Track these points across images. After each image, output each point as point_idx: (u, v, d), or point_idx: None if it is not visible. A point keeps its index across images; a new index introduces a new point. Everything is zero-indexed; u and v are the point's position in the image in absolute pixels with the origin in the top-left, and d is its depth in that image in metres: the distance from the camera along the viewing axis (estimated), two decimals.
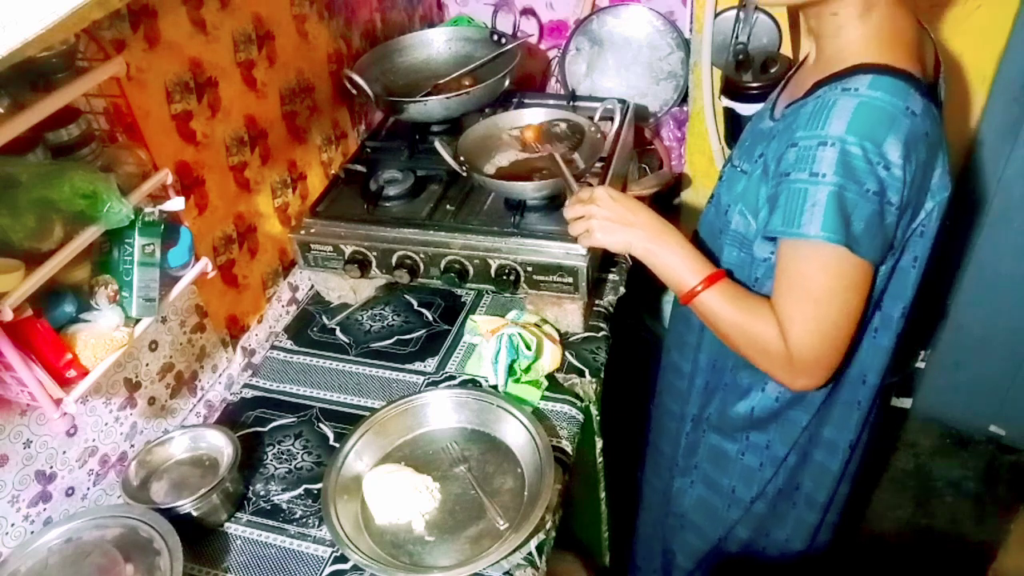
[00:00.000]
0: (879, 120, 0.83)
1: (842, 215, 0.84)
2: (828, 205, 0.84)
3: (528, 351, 1.24)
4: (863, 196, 0.84)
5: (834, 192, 0.84)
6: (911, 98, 0.85)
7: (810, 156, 0.85)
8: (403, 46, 1.69)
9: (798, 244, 0.89)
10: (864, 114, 0.83)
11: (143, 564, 0.95)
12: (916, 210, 0.92)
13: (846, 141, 0.83)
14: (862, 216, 0.85)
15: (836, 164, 0.83)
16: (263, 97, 1.34)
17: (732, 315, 0.97)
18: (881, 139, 0.83)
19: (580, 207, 1.07)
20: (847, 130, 0.83)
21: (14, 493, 0.99)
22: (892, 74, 0.85)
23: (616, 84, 1.78)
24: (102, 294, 0.94)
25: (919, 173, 0.87)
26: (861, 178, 0.84)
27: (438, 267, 1.30)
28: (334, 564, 1.04)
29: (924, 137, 0.86)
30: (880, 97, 0.83)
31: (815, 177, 0.85)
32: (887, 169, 0.84)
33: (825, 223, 0.85)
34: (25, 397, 0.87)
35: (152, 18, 1.07)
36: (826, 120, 0.85)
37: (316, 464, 1.19)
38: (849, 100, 0.84)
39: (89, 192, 0.84)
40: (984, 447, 2.11)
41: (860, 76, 0.86)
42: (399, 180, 1.42)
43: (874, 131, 0.83)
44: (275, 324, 1.44)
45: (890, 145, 0.83)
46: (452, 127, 1.54)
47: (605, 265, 1.45)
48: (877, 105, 0.83)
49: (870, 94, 0.84)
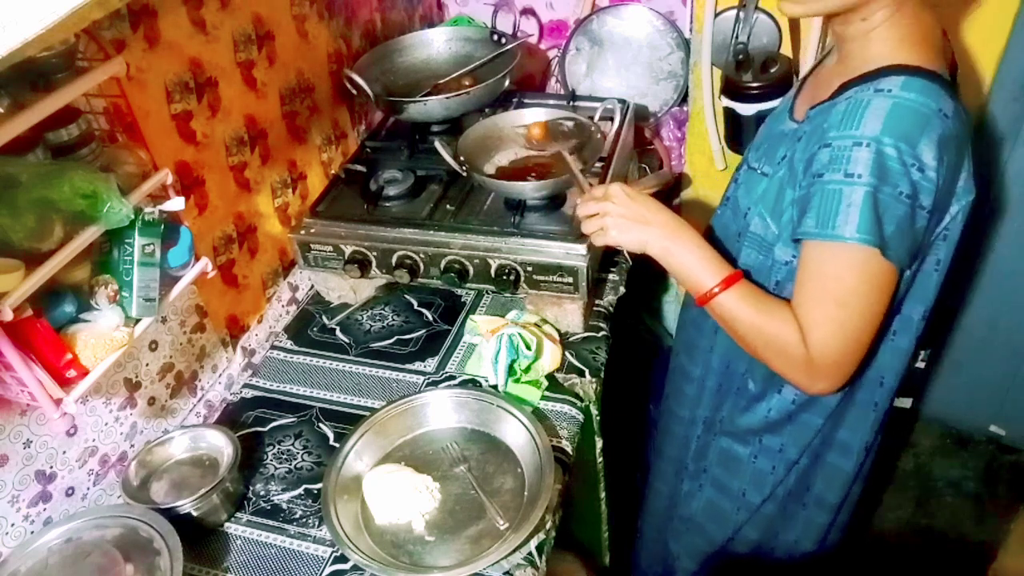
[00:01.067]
0: (914, 122, 0.82)
1: (875, 217, 0.84)
2: (863, 206, 0.83)
3: (528, 351, 1.24)
4: (896, 198, 0.84)
5: (869, 192, 0.83)
6: (943, 100, 0.84)
7: (845, 156, 0.84)
8: (403, 46, 1.69)
9: (829, 246, 0.87)
10: (899, 115, 0.82)
11: (143, 564, 0.95)
12: (943, 213, 0.91)
13: (882, 142, 0.82)
14: (894, 218, 0.84)
15: (871, 164, 0.83)
16: (263, 97, 1.34)
17: (751, 317, 0.96)
18: (916, 141, 0.82)
19: (594, 204, 1.05)
20: (882, 131, 0.82)
21: (14, 493, 0.99)
22: (923, 76, 0.84)
23: (616, 84, 1.78)
24: (102, 294, 0.94)
25: (949, 176, 0.87)
26: (895, 180, 0.83)
27: (438, 267, 1.30)
28: (334, 564, 1.04)
29: (954, 139, 0.85)
30: (914, 99, 0.83)
31: (850, 178, 0.84)
32: (921, 171, 0.83)
33: (861, 224, 0.84)
34: (25, 397, 0.87)
35: (152, 18, 1.08)
36: (860, 120, 0.84)
37: (316, 464, 1.19)
38: (883, 101, 0.83)
39: (89, 192, 0.84)
40: (984, 447, 2.11)
41: (892, 77, 0.85)
42: (399, 180, 1.42)
43: (909, 132, 0.82)
44: (275, 324, 1.44)
45: (924, 147, 0.82)
46: (452, 127, 1.54)
47: (605, 265, 1.45)
48: (911, 107, 0.83)
49: (904, 95, 0.83)
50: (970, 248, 1.82)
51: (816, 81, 1.03)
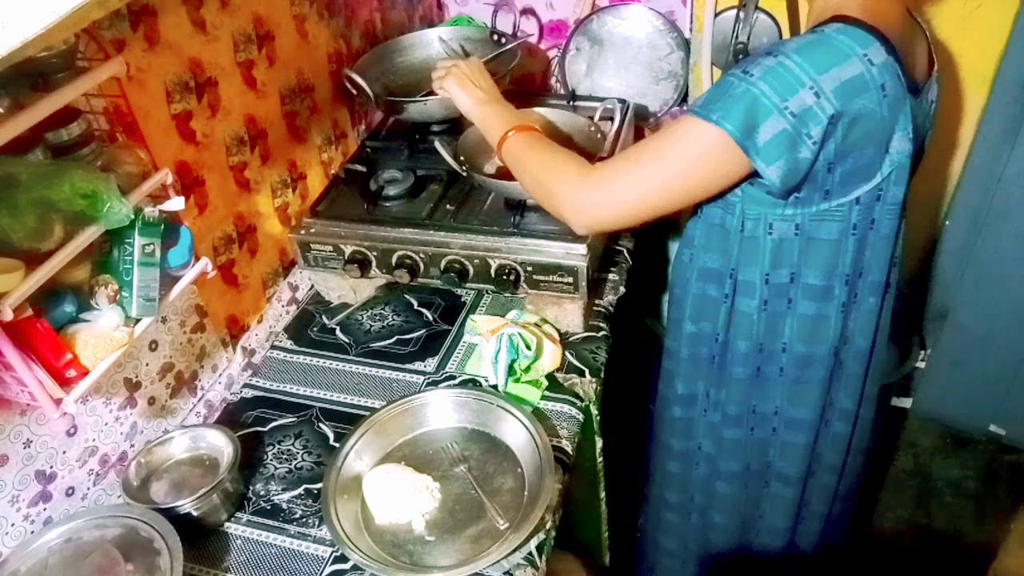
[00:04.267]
0: (830, 53, 0.85)
1: (748, 118, 0.86)
2: (740, 99, 0.86)
3: (528, 351, 1.24)
4: (779, 110, 0.85)
5: (752, 92, 0.85)
6: (872, 48, 0.86)
7: (751, 60, 0.88)
8: (403, 46, 1.69)
9: (690, 119, 0.90)
10: (818, 44, 0.86)
11: (143, 564, 0.95)
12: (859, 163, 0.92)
13: (788, 55, 0.85)
14: (770, 130, 0.86)
15: (767, 69, 0.85)
16: (263, 97, 1.34)
17: (538, 154, 1.05)
18: (823, 68, 0.84)
19: (450, 62, 1.24)
20: (795, 49, 0.86)
21: (14, 493, 0.99)
22: (861, 26, 0.87)
23: (616, 84, 1.78)
24: (102, 294, 0.94)
25: (862, 123, 0.88)
26: (785, 93, 0.85)
27: (438, 267, 1.30)
28: (334, 564, 1.04)
29: (878, 89, 0.87)
30: (839, 39, 0.86)
31: (745, 75, 0.87)
32: (816, 96, 0.85)
33: (726, 112, 0.86)
34: (25, 397, 0.87)
35: (152, 18, 1.07)
36: (784, 44, 0.88)
37: (316, 464, 1.19)
38: (811, 34, 0.88)
39: (89, 192, 0.84)
40: (984, 447, 2.11)
41: (831, 23, 0.89)
42: (399, 180, 1.42)
43: (820, 60, 0.85)
44: (275, 324, 1.44)
45: (829, 77, 0.84)
46: (452, 127, 1.54)
47: (605, 265, 1.45)
48: (833, 42, 0.86)
49: (831, 34, 0.87)
50: (970, 248, 1.82)
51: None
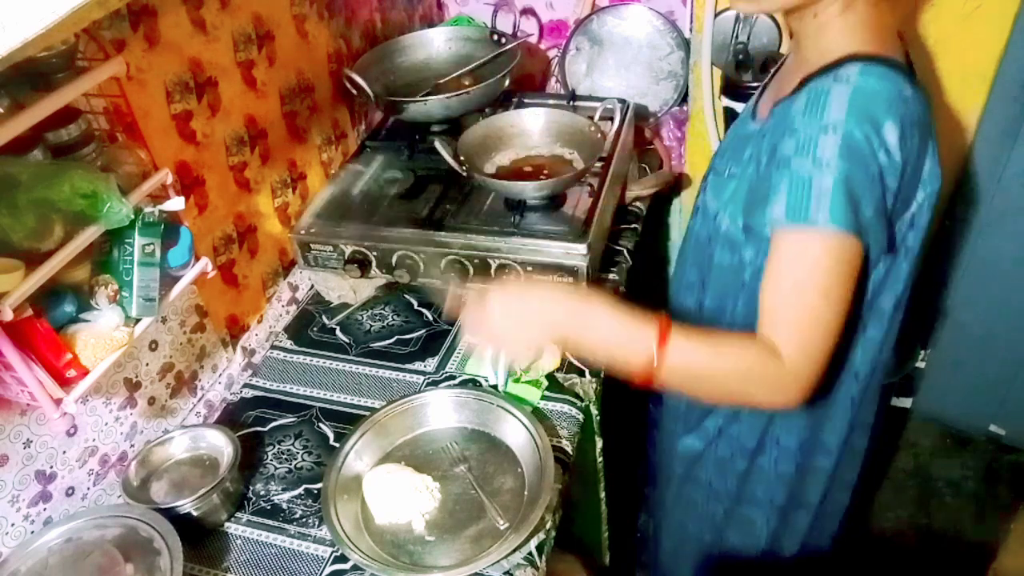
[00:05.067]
0: (876, 104, 0.83)
1: (851, 202, 0.82)
2: (836, 191, 0.82)
3: None
4: (869, 182, 0.83)
5: (841, 179, 0.82)
6: (902, 84, 0.85)
7: (811, 143, 0.83)
8: (403, 46, 1.69)
9: (802, 236, 0.84)
10: (861, 99, 0.82)
11: (143, 564, 0.95)
12: (909, 199, 0.91)
13: (848, 125, 0.82)
14: (870, 202, 0.84)
15: (840, 149, 0.82)
16: (263, 97, 1.34)
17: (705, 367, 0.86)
18: (880, 123, 0.82)
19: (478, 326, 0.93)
20: (847, 115, 0.82)
21: (14, 493, 0.99)
22: (880, 62, 0.85)
23: (616, 84, 1.78)
24: (102, 294, 0.94)
25: (913, 159, 0.87)
26: (866, 162, 0.82)
27: (438, 267, 1.30)
28: (334, 564, 1.04)
29: (917, 123, 0.86)
30: (873, 83, 0.83)
31: (820, 164, 0.82)
32: (888, 153, 0.83)
33: (835, 210, 0.82)
34: (25, 397, 0.87)
35: (152, 18, 1.07)
36: (824, 108, 0.83)
37: (316, 464, 1.19)
38: (844, 87, 0.83)
39: (89, 192, 0.84)
40: (984, 447, 2.10)
41: (849, 65, 0.85)
42: (399, 180, 1.42)
43: (873, 115, 0.82)
44: (275, 324, 1.44)
45: (888, 129, 0.83)
46: (452, 127, 1.54)
47: (605, 265, 1.45)
48: (872, 91, 0.83)
49: (863, 81, 0.83)
50: (969, 248, 1.82)
51: (778, 81, 1.03)
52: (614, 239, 1.51)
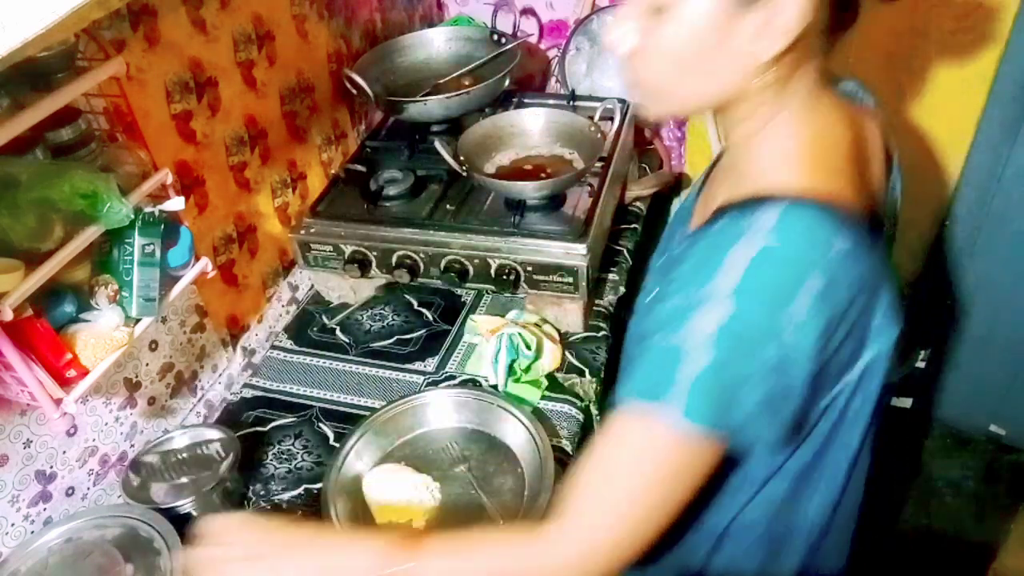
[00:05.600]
0: (785, 275, 0.64)
1: (722, 396, 0.65)
2: (702, 382, 0.64)
3: (528, 351, 1.24)
4: (761, 372, 0.64)
5: (714, 367, 0.64)
6: (835, 241, 0.65)
7: (691, 311, 0.65)
8: (403, 46, 1.69)
9: (648, 417, 0.67)
10: (766, 266, 0.64)
11: (143, 564, 0.95)
12: (844, 368, 0.72)
13: (740, 301, 0.63)
14: (754, 395, 0.65)
15: (723, 329, 0.63)
16: (263, 97, 1.34)
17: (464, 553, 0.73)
18: (785, 300, 0.63)
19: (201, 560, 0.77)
20: (740, 286, 0.63)
21: (14, 493, 0.99)
22: (811, 206, 0.66)
23: (616, 84, 1.77)
24: (102, 294, 0.94)
25: (842, 330, 0.67)
26: (757, 349, 0.64)
27: (438, 267, 1.30)
28: None
29: (853, 284, 0.66)
30: (789, 243, 0.64)
31: (694, 341, 0.65)
32: (787, 339, 0.64)
33: (693, 404, 0.64)
34: (25, 397, 0.87)
35: (152, 18, 1.07)
36: (717, 268, 0.65)
37: (316, 464, 1.19)
38: (749, 245, 0.64)
39: (89, 192, 0.84)
40: (984, 447, 2.11)
41: (768, 209, 0.66)
42: (399, 180, 1.42)
43: (777, 289, 0.64)
44: (275, 324, 1.44)
45: (798, 306, 0.63)
46: (452, 127, 1.54)
47: (605, 265, 1.45)
48: (782, 255, 0.64)
49: (777, 238, 0.64)
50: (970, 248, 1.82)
51: (711, 184, 0.85)
52: (614, 239, 1.51)
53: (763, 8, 0.64)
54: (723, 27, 0.65)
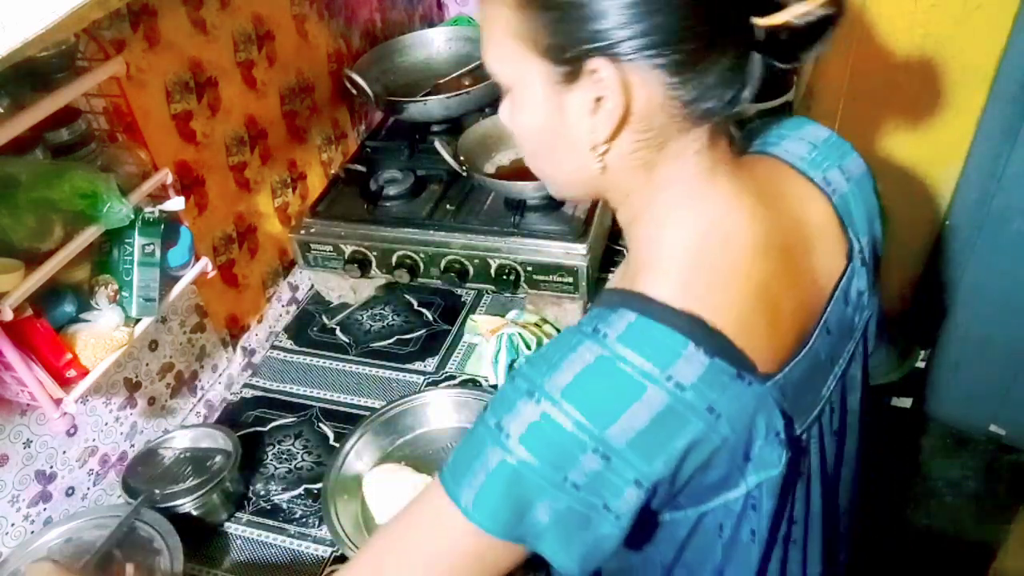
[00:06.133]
0: (613, 393, 0.58)
1: (512, 504, 0.60)
2: (495, 483, 0.60)
3: (528, 351, 1.24)
4: (558, 486, 0.58)
5: (511, 471, 0.59)
6: (683, 364, 0.59)
7: (510, 401, 0.60)
8: (403, 46, 1.69)
9: (444, 499, 0.63)
10: (595, 379, 0.59)
11: (143, 564, 0.95)
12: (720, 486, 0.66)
13: (557, 407, 0.58)
14: (550, 510, 0.60)
15: (530, 429, 0.58)
16: (263, 97, 1.34)
17: None
18: (607, 420, 0.57)
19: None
20: (564, 393, 0.58)
21: (14, 493, 0.99)
22: (667, 321, 0.60)
23: None
24: (102, 294, 0.94)
25: (689, 460, 0.60)
26: (561, 461, 0.58)
27: (438, 267, 1.30)
28: (334, 564, 1.04)
29: (702, 415, 0.59)
30: (628, 359, 0.58)
31: (499, 431, 0.60)
32: (606, 459, 0.58)
33: (480, 505, 0.60)
34: (25, 397, 0.87)
35: (152, 18, 1.07)
36: (555, 367, 0.60)
37: (316, 464, 1.19)
38: (590, 351, 0.59)
39: (89, 192, 0.84)
40: (984, 447, 2.11)
41: (623, 314, 0.61)
42: (399, 180, 1.42)
43: (604, 405, 0.58)
44: (275, 324, 1.44)
45: (619, 431, 0.57)
46: (452, 127, 1.54)
47: (605, 265, 1.45)
48: (618, 371, 0.58)
49: (618, 350, 0.59)
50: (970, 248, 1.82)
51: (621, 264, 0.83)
52: (614, 239, 1.51)
53: (584, 87, 0.60)
54: (557, 107, 0.63)
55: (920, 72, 1.62)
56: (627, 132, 0.62)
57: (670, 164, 0.64)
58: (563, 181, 0.72)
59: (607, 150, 0.63)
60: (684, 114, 0.61)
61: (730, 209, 0.65)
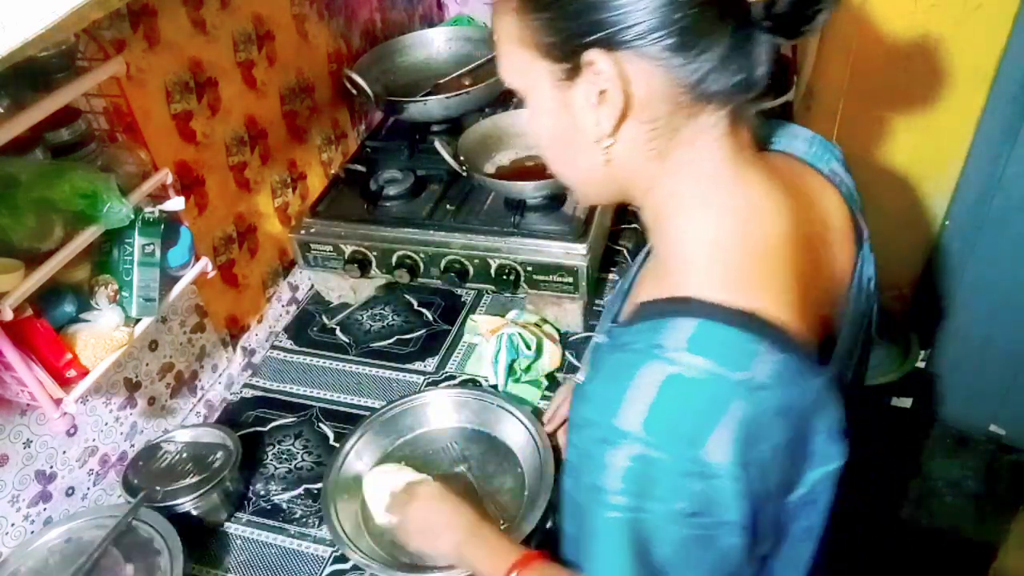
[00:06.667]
0: (697, 409, 0.56)
1: (635, 548, 0.59)
2: (610, 537, 0.59)
3: (528, 351, 1.24)
4: (670, 519, 0.58)
5: (619, 521, 0.58)
6: (756, 363, 0.57)
7: (594, 456, 0.59)
8: (403, 46, 1.69)
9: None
10: (674, 400, 0.56)
11: (143, 564, 0.95)
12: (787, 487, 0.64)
13: (644, 444, 0.56)
14: (669, 543, 0.59)
15: (626, 477, 0.57)
16: (263, 97, 1.34)
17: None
18: (698, 439, 0.56)
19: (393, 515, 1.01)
20: (645, 426, 0.56)
21: (14, 493, 0.99)
22: (729, 322, 0.58)
23: None
24: (102, 294, 0.94)
25: (774, 462, 0.60)
26: (666, 495, 0.57)
27: (438, 267, 1.30)
28: (334, 564, 1.04)
29: (781, 415, 0.58)
30: (704, 368, 0.56)
31: (596, 492, 0.59)
32: (707, 479, 0.56)
33: (606, 564, 0.61)
34: (25, 397, 0.87)
35: (152, 18, 1.08)
36: (619, 401, 0.57)
37: (316, 464, 1.19)
38: (655, 371, 0.57)
39: (89, 192, 0.84)
40: (984, 447, 2.10)
41: (679, 323, 0.58)
42: (399, 180, 1.42)
43: (688, 427, 0.56)
44: (275, 324, 1.44)
45: (714, 444, 0.56)
46: (452, 127, 1.54)
47: (605, 265, 1.45)
48: (696, 384, 0.56)
49: (688, 362, 0.56)
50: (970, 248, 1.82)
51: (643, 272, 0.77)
52: (614, 239, 1.51)
53: (585, 79, 0.60)
54: (564, 105, 0.63)
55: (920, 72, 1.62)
56: (633, 122, 0.61)
57: (684, 150, 0.63)
58: (582, 182, 0.71)
59: (613, 143, 0.63)
60: (689, 99, 0.59)
61: (763, 199, 0.64)
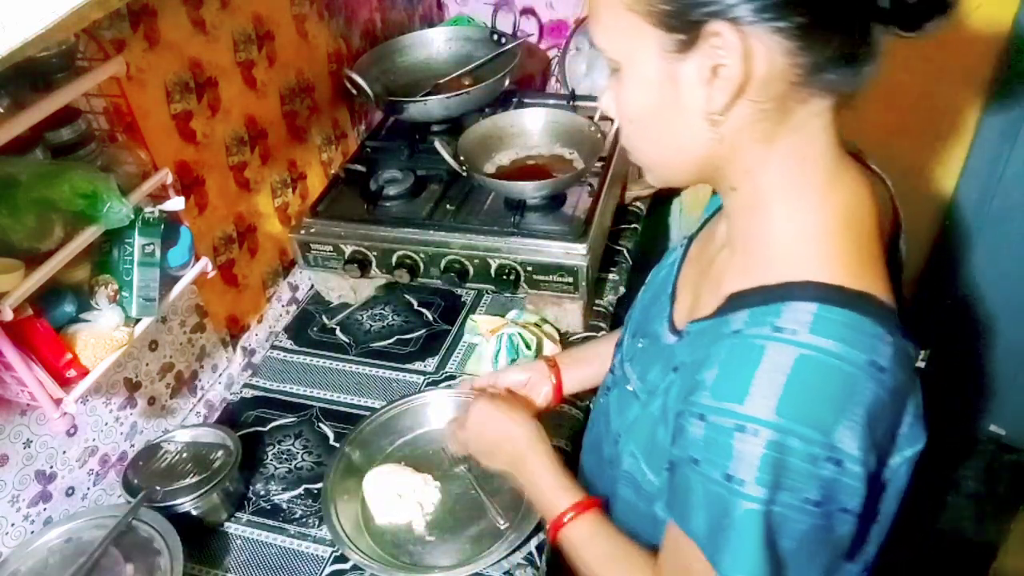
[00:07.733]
0: (829, 392, 0.56)
1: (767, 538, 0.58)
2: (747, 529, 0.58)
3: (528, 351, 1.24)
4: (799, 509, 0.57)
5: (757, 512, 0.57)
6: (878, 344, 0.57)
7: (724, 445, 0.58)
8: (403, 46, 1.69)
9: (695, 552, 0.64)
10: (805, 383, 0.56)
11: (143, 564, 0.95)
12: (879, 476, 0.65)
13: (777, 430, 0.56)
14: (795, 534, 0.59)
15: (761, 466, 0.56)
16: (263, 97, 1.34)
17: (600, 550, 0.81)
18: (831, 424, 0.56)
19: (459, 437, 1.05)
20: (779, 410, 0.56)
21: (14, 493, 0.99)
22: (850, 304, 0.58)
23: None
24: (102, 294, 0.94)
25: (883, 447, 0.61)
26: (798, 484, 0.57)
27: (438, 267, 1.30)
28: (334, 564, 1.04)
29: (893, 398, 0.59)
30: (831, 352, 0.56)
31: (731, 483, 0.58)
32: (838, 465, 0.56)
33: (742, 556, 0.59)
34: (25, 397, 0.87)
35: (152, 18, 1.07)
36: (746, 386, 0.57)
37: (316, 464, 1.19)
38: (784, 353, 0.57)
39: (89, 192, 0.84)
40: (984, 447, 2.11)
41: (799, 306, 0.58)
42: (399, 180, 1.42)
43: (821, 411, 0.56)
44: (275, 324, 1.44)
45: (844, 431, 0.56)
46: (452, 127, 1.54)
47: (605, 265, 1.45)
48: (826, 367, 0.56)
49: (816, 344, 0.56)
50: (970, 248, 1.82)
51: (702, 260, 0.78)
52: (614, 239, 1.51)
53: (701, 52, 0.57)
54: (670, 78, 0.60)
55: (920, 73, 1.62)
56: (744, 102, 0.59)
57: (792, 137, 0.61)
58: (668, 160, 0.68)
59: (722, 121, 0.60)
60: (805, 84, 0.58)
61: (860, 187, 0.64)
